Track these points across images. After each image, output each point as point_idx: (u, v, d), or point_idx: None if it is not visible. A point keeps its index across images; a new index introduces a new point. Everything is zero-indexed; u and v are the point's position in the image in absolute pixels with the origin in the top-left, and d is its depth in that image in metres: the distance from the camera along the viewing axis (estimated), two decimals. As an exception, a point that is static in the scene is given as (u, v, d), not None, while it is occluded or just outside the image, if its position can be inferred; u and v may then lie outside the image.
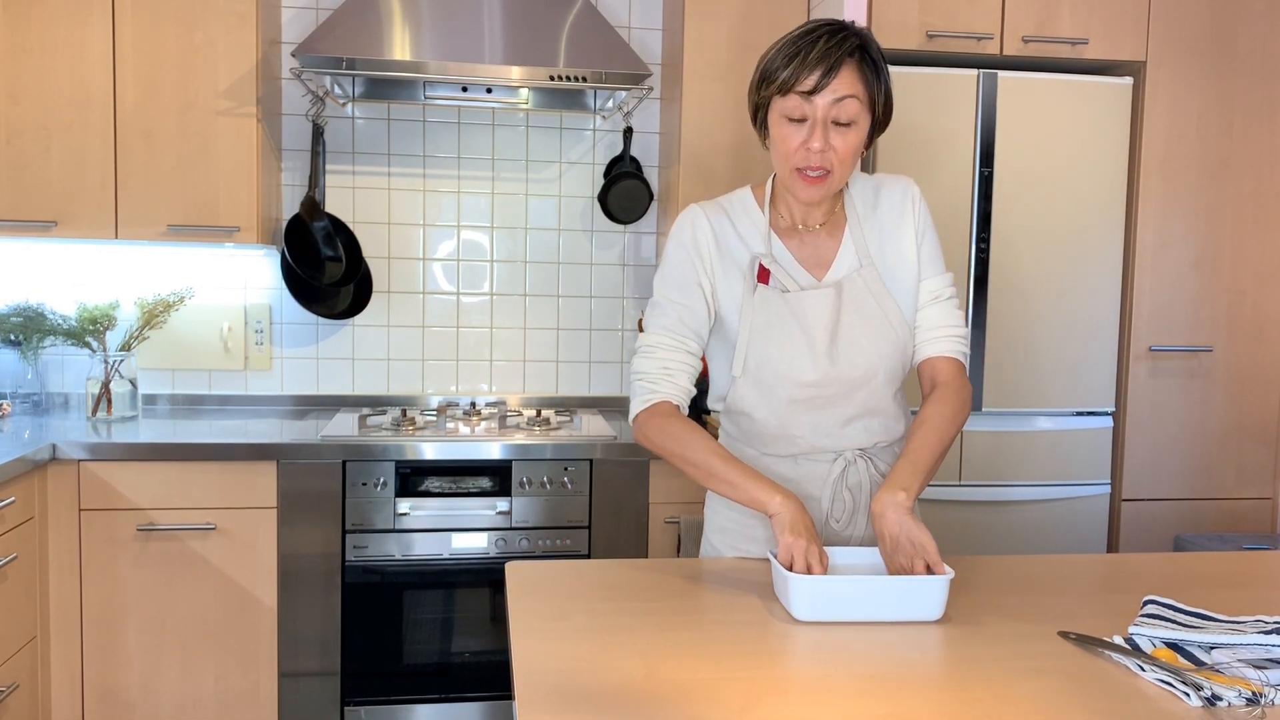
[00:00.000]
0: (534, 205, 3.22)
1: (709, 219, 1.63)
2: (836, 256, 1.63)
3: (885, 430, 1.65)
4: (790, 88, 1.49)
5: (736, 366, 1.61)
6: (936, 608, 1.35)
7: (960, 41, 2.63)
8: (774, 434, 1.63)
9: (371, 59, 2.62)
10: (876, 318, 1.60)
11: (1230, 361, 2.79)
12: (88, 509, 2.50)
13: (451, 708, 2.67)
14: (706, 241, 1.62)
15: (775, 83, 1.50)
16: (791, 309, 1.58)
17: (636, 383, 1.61)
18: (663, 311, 1.62)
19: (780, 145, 1.53)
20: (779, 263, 1.61)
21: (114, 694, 2.54)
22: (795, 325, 1.58)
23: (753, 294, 1.59)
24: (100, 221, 2.73)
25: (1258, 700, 1.08)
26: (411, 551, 2.61)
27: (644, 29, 3.20)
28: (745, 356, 1.60)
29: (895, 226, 1.64)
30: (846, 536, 1.66)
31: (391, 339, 3.19)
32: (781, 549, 1.41)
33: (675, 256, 1.63)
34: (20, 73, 2.67)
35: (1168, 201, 2.73)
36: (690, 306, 1.61)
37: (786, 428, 1.62)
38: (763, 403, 1.61)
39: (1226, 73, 2.73)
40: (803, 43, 1.49)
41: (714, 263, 1.62)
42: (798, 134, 1.51)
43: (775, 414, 1.61)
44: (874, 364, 1.60)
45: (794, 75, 1.48)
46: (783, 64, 1.49)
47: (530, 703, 1.08)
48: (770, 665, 1.20)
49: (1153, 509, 2.78)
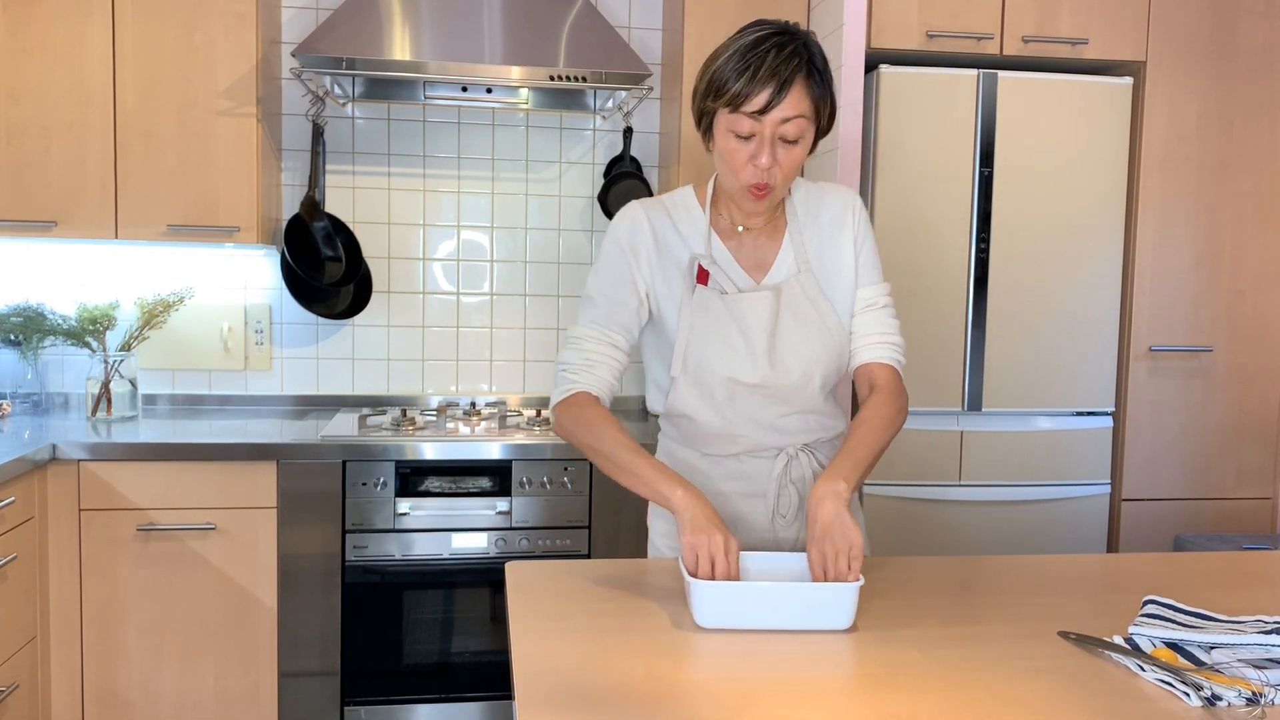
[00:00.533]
0: (534, 205, 3.22)
1: (649, 217, 1.63)
2: (775, 260, 1.64)
3: (824, 428, 1.67)
4: (739, 106, 1.47)
5: (675, 366, 1.60)
6: (846, 617, 1.31)
7: (960, 41, 2.63)
8: (715, 434, 1.63)
9: (371, 59, 2.62)
10: (813, 322, 1.61)
11: (1230, 361, 2.79)
12: (88, 509, 2.50)
13: (451, 708, 2.67)
14: (645, 240, 1.62)
15: (724, 97, 1.47)
16: (730, 311, 1.58)
17: (559, 373, 1.61)
18: (593, 305, 1.62)
19: (729, 159, 1.52)
20: (718, 264, 1.61)
21: (114, 694, 2.54)
22: (734, 327, 1.58)
23: (691, 294, 1.59)
24: (100, 221, 2.73)
25: (1258, 700, 1.08)
26: (411, 551, 2.61)
27: (644, 29, 3.20)
28: (684, 357, 1.60)
29: (835, 235, 1.65)
30: (795, 533, 1.66)
31: (391, 339, 3.19)
32: (685, 549, 1.37)
33: (611, 252, 1.63)
34: (20, 73, 2.67)
35: (1168, 201, 2.73)
36: (621, 302, 1.61)
37: (728, 427, 1.62)
38: (703, 403, 1.62)
39: (1226, 73, 2.73)
40: (751, 57, 1.45)
41: (652, 261, 1.62)
42: (745, 149, 1.50)
43: (717, 414, 1.62)
44: (810, 368, 1.60)
45: (743, 93, 1.45)
46: (732, 78, 1.46)
47: (530, 703, 1.08)
48: (769, 665, 1.20)
49: (1153, 509, 2.78)
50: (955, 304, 2.65)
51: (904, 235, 2.62)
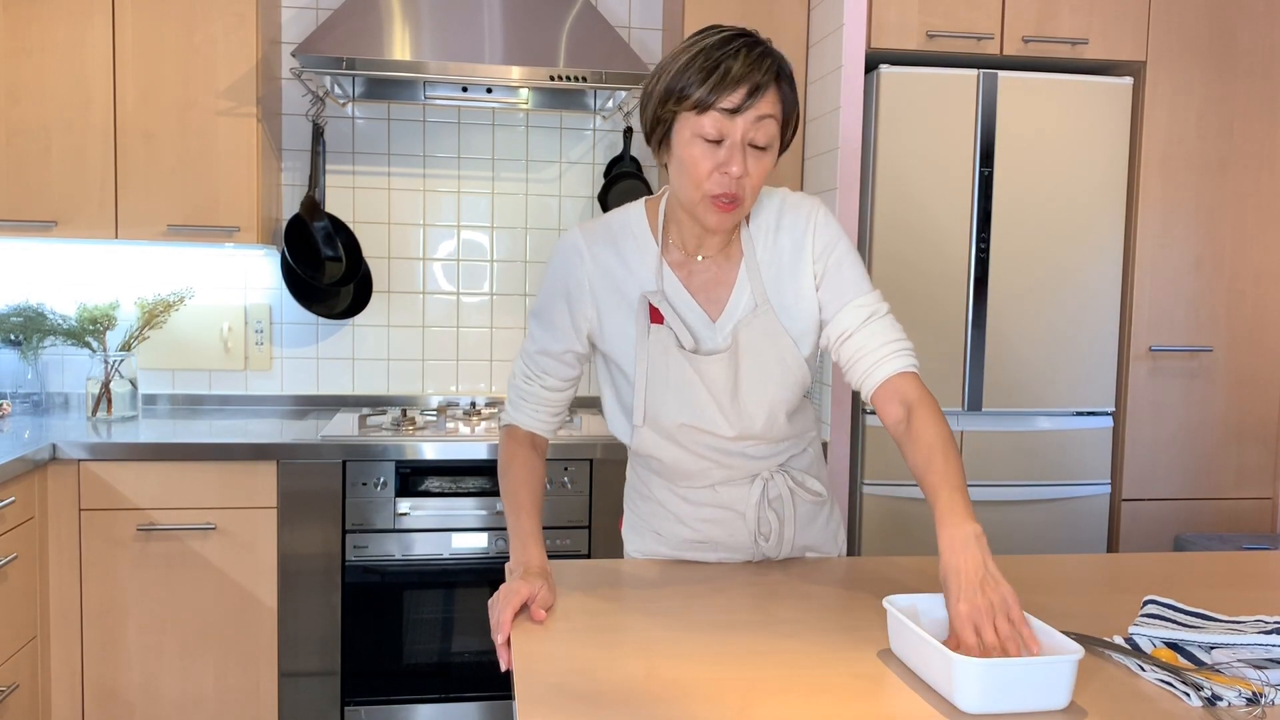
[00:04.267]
0: (534, 205, 3.22)
1: (590, 253, 1.49)
2: (731, 294, 1.50)
3: (794, 446, 1.62)
4: (709, 105, 1.33)
5: (637, 416, 1.51)
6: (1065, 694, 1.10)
7: (960, 41, 2.63)
8: (687, 472, 1.58)
9: (371, 59, 2.62)
10: (773, 362, 1.50)
11: (1230, 361, 2.79)
12: (88, 509, 2.50)
13: (451, 708, 2.67)
14: (585, 279, 1.50)
15: (690, 99, 1.34)
16: (694, 367, 1.48)
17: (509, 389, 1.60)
18: (529, 341, 1.57)
19: (691, 168, 1.37)
20: (669, 301, 1.48)
21: (114, 694, 2.54)
22: (695, 379, 1.48)
23: (646, 336, 1.47)
24: (100, 221, 2.73)
25: (1258, 700, 1.08)
26: (411, 551, 2.61)
27: (644, 29, 3.20)
28: (645, 406, 1.50)
29: (795, 258, 1.50)
30: (777, 550, 1.63)
31: (391, 339, 3.19)
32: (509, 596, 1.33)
33: (549, 288, 1.53)
34: (20, 73, 2.67)
35: (1168, 201, 2.73)
36: (548, 344, 1.53)
37: (698, 465, 1.56)
38: (669, 445, 1.54)
39: (1226, 73, 2.73)
40: (722, 55, 1.34)
41: (597, 299, 1.50)
42: (712, 156, 1.36)
43: (686, 454, 1.55)
44: (774, 410, 1.52)
45: (715, 91, 1.33)
46: (698, 78, 1.34)
47: (530, 703, 1.08)
48: (770, 665, 1.20)
49: (1153, 509, 2.78)
50: (955, 304, 2.65)
51: (904, 235, 2.62)
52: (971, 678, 1.06)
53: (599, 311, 1.51)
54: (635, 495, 1.68)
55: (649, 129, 1.43)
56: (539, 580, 1.36)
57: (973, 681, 1.06)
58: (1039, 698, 1.07)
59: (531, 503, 1.48)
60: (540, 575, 1.38)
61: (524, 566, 1.40)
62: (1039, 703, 1.07)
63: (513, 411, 1.57)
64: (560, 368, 1.55)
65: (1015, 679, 1.06)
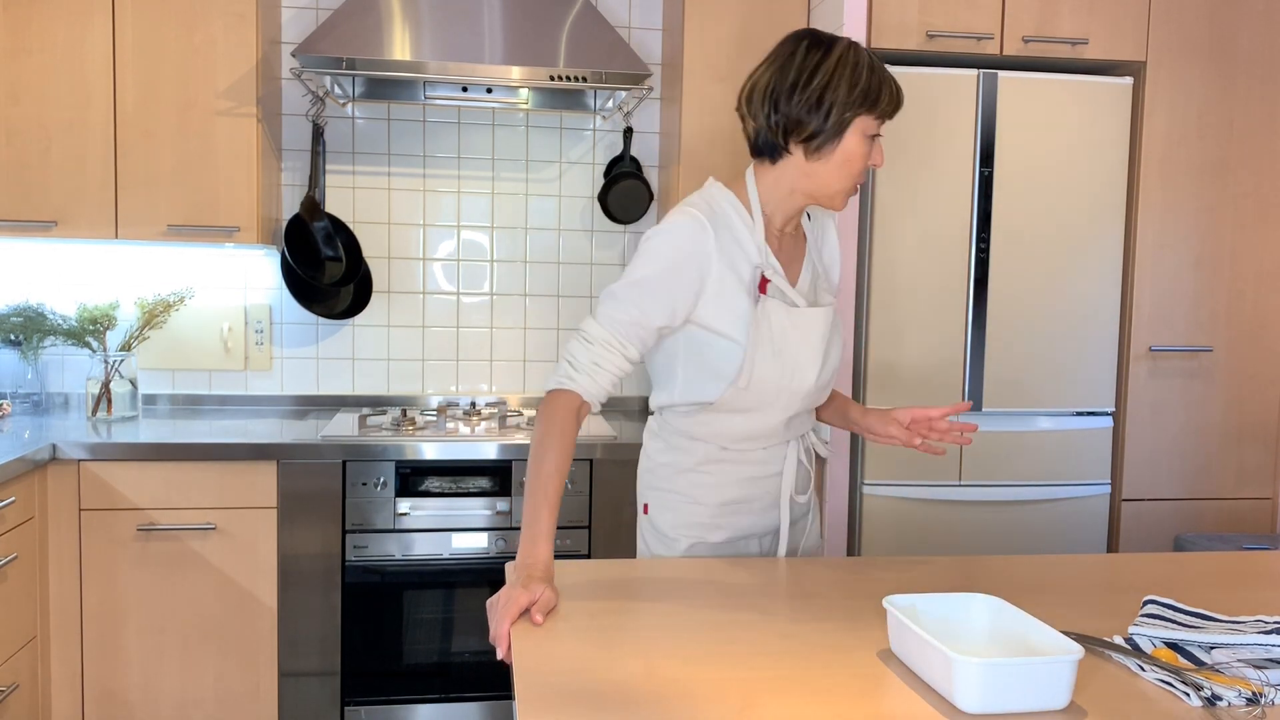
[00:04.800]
0: (534, 205, 3.22)
1: (715, 235, 1.60)
2: (803, 268, 1.72)
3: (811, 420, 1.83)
4: (884, 110, 1.56)
5: (742, 380, 1.61)
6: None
7: (960, 41, 2.63)
8: (748, 434, 1.69)
9: (371, 59, 2.62)
10: (837, 332, 1.74)
11: (1230, 361, 2.79)
12: (88, 509, 2.50)
13: (451, 708, 2.67)
14: (710, 260, 1.59)
15: (879, 104, 1.55)
16: (796, 324, 1.64)
17: (563, 363, 1.58)
18: (621, 309, 1.58)
19: (854, 162, 1.58)
20: (776, 271, 1.65)
21: (114, 694, 2.54)
22: (797, 338, 1.64)
23: (754, 306, 1.61)
24: (100, 221, 2.73)
25: (1258, 700, 1.08)
26: (411, 551, 2.61)
27: (644, 29, 3.20)
28: (753, 367, 1.61)
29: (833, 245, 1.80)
30: (805, 501, 1.82)
31: (391, 339, 3.19)
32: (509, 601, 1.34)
33: (664, 263, 1.58)
34: (20, 73, 2.67)
35: (1168, 201, 2.73)
36: (651, 318, 1.58)
37: (764, 427, 1.69)
38: (750, 408, 1.66)
39: (1226, 73, 2.73)
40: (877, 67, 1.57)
41: (716, 280, 1.60)
42: (867, 152, 1.59)
43: (760, 417, 1.68)
44: (835, 370, 1.73)
45: (891, 100, 1.57)
46: (885, 88, 1.56)
47: (530, 703, 1.08)
48: (770, 665, 1.20)
49: (1153, 509, 2.78)
50: (955, 304, 2.65)
51: (904, 235, 2.62)
52: (971, 678, 1.06)
53: (718, 285, 1.60)
54: (668, 473, 1.75)
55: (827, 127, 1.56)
56: (540, 585, 1.37)
57: (973, 681, 1.06)
58: (1039, 698, 1.07)
59: (556, 497, 1.50)
60: (543, 580, 1.40)
61: (528, 570, 1.41)
62: (1039, 703, 1.07)
63: (577, 376, 1.56)
64: (648, 339, 1.60)
65: (1015, 679, 1.06)
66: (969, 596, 1.26)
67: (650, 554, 1.77)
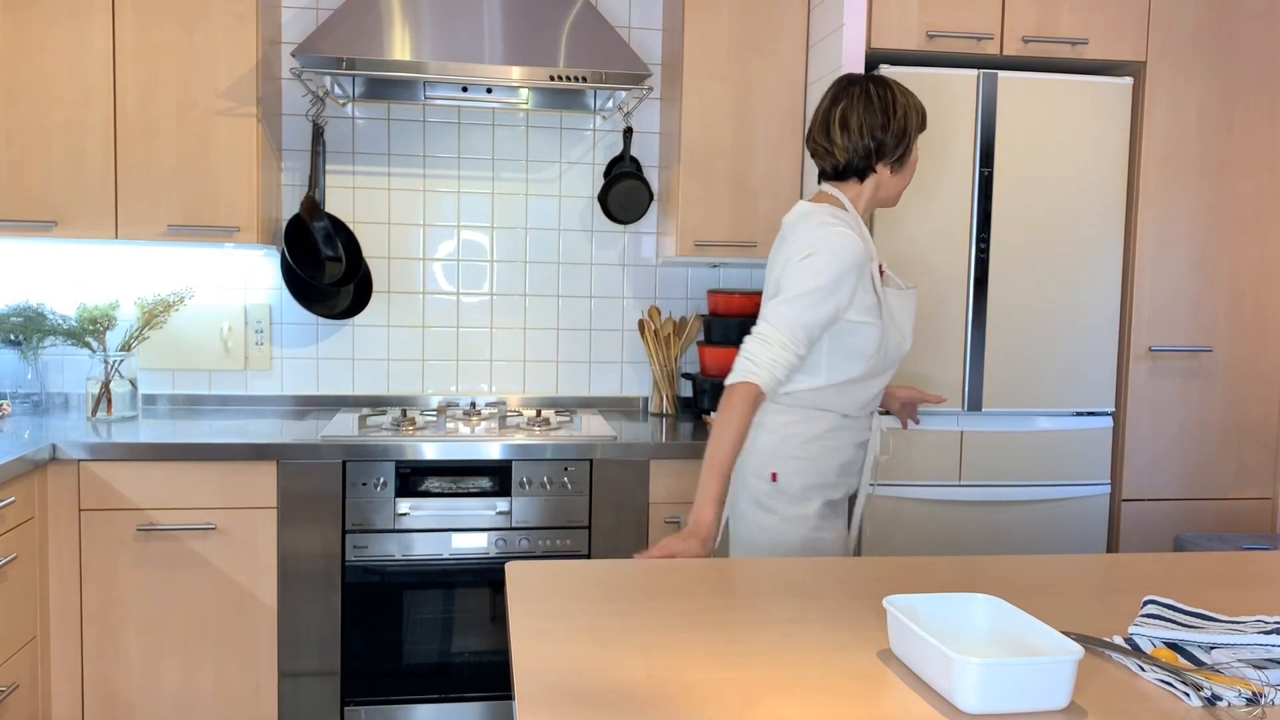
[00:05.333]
0: (534, 205, 3.22)
1: (864, 242, 1.92)
2: None
3: None
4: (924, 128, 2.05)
5: (880, 355, 1.96)
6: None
7: (960, 41, 2.63)
8: (869, 400, 2.02)
9: (371, 59, 2.62)
10: None
11: (1230, 361, 2.79)
12: (88, 509, 2.50)
13: (451, 708, 2.67)
14: (864, 270, 1.91)
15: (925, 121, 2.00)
16: (906, 303, 2.01)
17: (743, 360, 1.85)
18: (794, 314, 1.85)
19: (913, 168, 2.02)
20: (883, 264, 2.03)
21: (114, 694, 2.54)
22: (905, 316, 2.01)
23: (883, 291, 1.96)
24: (100, 221, 2.73)
25: (1258, 700, 1.08)
26: (411, 551, 2.61)
27: (644, 29, 3.20)
28: (886, 343, 1.95)
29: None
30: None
31: (391, 339, 3.19)
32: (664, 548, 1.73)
33: (834, 272, 1.86)
34: (20, 73, 2.67)
35: (1168, 201, 2.73)
36: (820, 320, 1.87)
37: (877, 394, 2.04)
38: (878, 379, 2.01)
39: (1226, 73, 2.73)
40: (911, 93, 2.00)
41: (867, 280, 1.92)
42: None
43: (879, 384, 2.02)
44: None
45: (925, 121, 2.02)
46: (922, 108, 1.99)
47: (530, 703, 1.08)
48: (770, 665, 1.20)
49: (1153, 509, 2.78)
50: (955, 304, 2.65)
51: (904, 235, 2.62)
52: (971, 677, 1.06)
53: (866, 291, 1.92)
54: (798, 442, 2.00)
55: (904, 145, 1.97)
56: (695, 541, 1.73)
57: (973, 681, 1.06)
58: (1039, 698, 1.07)
59: (729, 469, 1.83)
60: (702, 540, 1.75)
61: (693, 528, 1.76)
62: (1039, 703, 1.07)
63: (758, 370, 1.84)
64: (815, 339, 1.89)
65: (1015, 679, 1.06)
66: (969, 596, 1.26)
67: (775, 519, 1.99)
